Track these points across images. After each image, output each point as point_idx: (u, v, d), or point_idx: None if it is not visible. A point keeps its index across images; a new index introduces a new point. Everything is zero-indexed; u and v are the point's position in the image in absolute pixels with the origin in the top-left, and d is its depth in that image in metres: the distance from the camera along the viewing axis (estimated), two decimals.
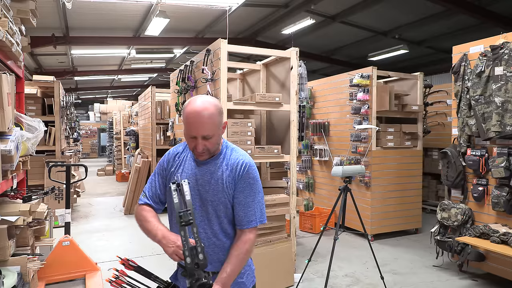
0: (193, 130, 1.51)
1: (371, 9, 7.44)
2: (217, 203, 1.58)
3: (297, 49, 3.92)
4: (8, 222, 2.51)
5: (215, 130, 1.52)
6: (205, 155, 1.58)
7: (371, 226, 5.26)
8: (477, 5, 7.10)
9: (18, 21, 2.73)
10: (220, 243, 1.60)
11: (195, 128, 1.50)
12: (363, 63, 10.81)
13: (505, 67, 3.53)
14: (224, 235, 1.62)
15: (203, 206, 1.59)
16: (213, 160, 1.62)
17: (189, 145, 1.57)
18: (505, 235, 3.41)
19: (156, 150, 7.08)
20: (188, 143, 1.59)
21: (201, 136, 1.51)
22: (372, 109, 5.23)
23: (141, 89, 19.09)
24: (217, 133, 1.55)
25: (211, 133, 1.51)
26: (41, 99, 5.81)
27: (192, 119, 1.50)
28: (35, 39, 7.63)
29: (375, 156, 5.30)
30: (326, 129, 6.18)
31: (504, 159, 3.56)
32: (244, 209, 1.59)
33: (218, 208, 1.59)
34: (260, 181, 1.66)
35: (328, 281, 3.33)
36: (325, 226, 3.72)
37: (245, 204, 1.59)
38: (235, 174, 1.59)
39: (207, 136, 1.51)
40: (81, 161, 16.11)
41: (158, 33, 8.01)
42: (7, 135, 2.30)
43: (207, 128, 1.49)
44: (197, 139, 1.51)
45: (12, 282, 2.34)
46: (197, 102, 1.51)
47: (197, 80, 4.21)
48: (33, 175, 5.61)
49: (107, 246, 5.10)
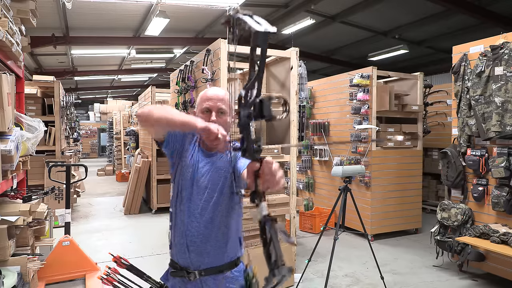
0: (211, 101, 1.56)
1: (371, 9, 7.43)
2: (213, 188, 1.56)
3: (297, 49, 3.92)
4: (8, 222, 2.51)
5: (227, 109, 1.58)
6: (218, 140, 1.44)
7: (371, 226, 5.26)
8: (477, 5, 7.10)
9: (18, 21, 2.73)
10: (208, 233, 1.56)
11: (212, 100, 1.56)
12: (363, 63, 10.80)
13: (505, 67, 3.53)
14: (216, 225, 1.57)
15: (197, 194, 1.58)
16: (216, 153, 1.61)
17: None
18: (505, 235, 3.41)
19: (156, 150, 7.08)
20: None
21: (217, 108, 1.55)
22: (372, 109, 5.23)
23: (141, 89, 19.09)
24: (228, 116, 1.59)
25: (225, 109, 1.56)
26: (41, 99, 5.81)
27: (209, 92, 1.60)
28: (35, 39, 7.62)
29: (375, 156, 5.30)
30: (326, 129, 6.18)
31: (504, 159, 3.56)
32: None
33: (214, 193, 1.56)
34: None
35: (328, 281, 3.33)
36: (325, 226, 3.72)
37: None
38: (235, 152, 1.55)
39: (221, 110, 1.55)
40: (81, 161, 16.12)
41: (158, 33, 8.01)
42: (7, 135, 2.30)
43: (222, 102, 1.55)
44: (211, 114, 1.55)
45: (12, 282, 2.35)
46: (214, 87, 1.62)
47: (197, 80, 4.21)
48: (33, 175, 5.60)
49: (107, 246, 5.10)
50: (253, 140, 1.01)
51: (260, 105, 0.99)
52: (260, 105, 0.99)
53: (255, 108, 1.00)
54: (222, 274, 1.59)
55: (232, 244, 1.61)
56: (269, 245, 0.97)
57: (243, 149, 1.02)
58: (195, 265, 1.58)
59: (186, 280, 1.59)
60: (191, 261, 1.58)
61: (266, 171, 0.96)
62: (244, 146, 1.02)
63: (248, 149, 1.01)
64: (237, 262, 1.64)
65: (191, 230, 1.58)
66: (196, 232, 1.57)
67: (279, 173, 0.99)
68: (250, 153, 1.00)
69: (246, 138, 1.01)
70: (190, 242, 1.58)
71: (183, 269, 1.60)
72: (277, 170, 0.98)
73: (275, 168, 0.97)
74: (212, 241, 1.57)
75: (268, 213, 0.98)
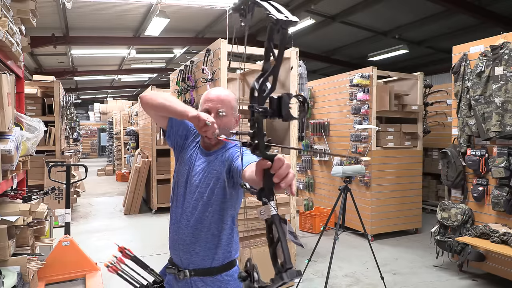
0: (211, 103, 1.56)
1: (371, 9, 7.43)
2: (204, 188, 1.54)
3: (297, 49, 3.92)
4: (8, 222, 2.51)
5: (229, 111, 1.57)
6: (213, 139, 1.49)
7: (371, 226, 5.26)
8: (477, 5, 7.09)
9: (18, 21, 2.73)
10: (198, 233, 1.55)
11: (212, 102, 1.56)
12: (363, 63, 10.80)
13: (505, 67, 3.53)
14: (205, 226, 1.55)
15: (189, 193, 1.57)
16: (214, 153, 1.60)
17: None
18: (505, 235, 3.41)
19: (156, 150, 7.07)
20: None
21: (216, 109, 1.54)
22: (372, 109, 5.23)
23: (141, 89, 19.09)
24: (231, 117, 1.58)
25: (226, 110, 1.55)
26: (41, 99, 5.81)
27: (211, 93, 1.59)
28: (35, 39, 7.62)
29: (375, 156, 5.30)
30: (326, 129, 6.18)
31: (504, 159, 3.56)
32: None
33: (205, 194, 1.54)
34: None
35: (328, 281, 3.33)
36: (325, 226, 3.72)
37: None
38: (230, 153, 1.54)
39: (221, 111, 1.54)
40: (81, 161, 16.11)
41: (158, 33, 8.01)
42: (7, 135, 2.30)
43: (223, 103, 1.55)
44: (211, 114, 1.52)
45: (12, 282, 2.35)
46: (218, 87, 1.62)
47: (197, 80, 4.21)
48: (33, 175, 5.60)
49: (107, 246, 5.10)
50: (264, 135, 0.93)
51: (279, 102, 0.89)
52: (279, 103, 0.89)
53: (272, 105, 0.90)
54: (211, 277, 1.56)
55: (224, 248, 1.57)
56: (276, 245, 0.90)
57: (254, 146, 0.94)
58: (184, 264, 1.58)
59: (177, 278, 1.59)
60: (181, 259, 1.59)
61: (278, 169, 0.92)
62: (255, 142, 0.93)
63: (260, 146, 0.93)
64: (228, 266, 1.59)
65: (182, 228, 1.58)
66: (186, 230, 1.56)
67: (291, 172, 0.95)
68: (261, 150, 0.93)
69: (258, 133, 0.93)
70: (180, 240, 1.58)
71: (176, 266, 1.61)
72: (289, 167, 0.94)
73: (287, 165, 0.93)
74: (201, 242, 1.55)
75: (276, 212, 0.92)
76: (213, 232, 1.55)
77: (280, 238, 0.88)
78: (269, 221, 0.92)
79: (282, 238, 0.88)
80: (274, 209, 0.92)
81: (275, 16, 0.84)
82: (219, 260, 1.56)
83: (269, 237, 0.93)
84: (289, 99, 0.89)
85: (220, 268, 1.57)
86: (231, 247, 1.60)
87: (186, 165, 1.62)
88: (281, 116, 0.90)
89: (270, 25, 0.85)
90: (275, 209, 0.92)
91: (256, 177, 0.97)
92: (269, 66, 0.92)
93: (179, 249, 1.59)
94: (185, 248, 1.57)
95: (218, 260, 1.56)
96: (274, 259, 0.90)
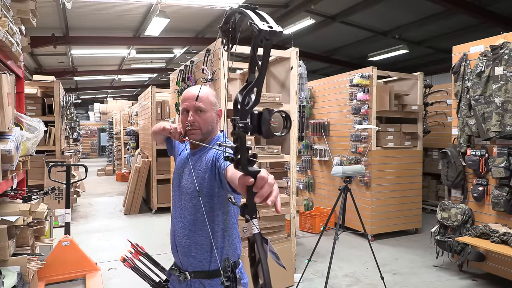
0: (187, 101, 1.57)
1: (371, 9, 7.43)
2: (192, 190, 1.55)
3: (297, 49, 3.92)
4: (8, 222, 2.51)
5: (208, 107, 1.57)
6: (196, 134, 1.57)
7: (371, 226, 5.26)
8: (477, 5, 7.09)
9: (18, 21, 2.73)
10: (192, 236, 1.56)
11: (189, 100, 1.56)
12: (363, 63, 10.80)
13: (505, 67, 3.53)
14: (199, 228, 1.55)
15: (182, 195, 1.61)
16: (199, 152, 1.61)
17: (183, 124, 1.59)
18: (505, 235, 3.41)
19: (156, 150, 7.07)
20: (182, 122, 1.61)
21: (194, 107, 1.55)
22: (372, 109, 5.23)
23: (141, 89, 19.07)
24: (211, 112, 1.58)
25: (204, 107, 1.56)
26: (41, 99, 5.81)
27: (187, 92, 1.61)
28: (35, 39, 7.63)
29: (375, 156, 5.29)
30: (326, 129, 6.18)
31: (504, 159, 3.56)
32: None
33: (193, 196, 1.54)
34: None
35: (328, 281, 3.33)
36: (325, 226, 3.72)
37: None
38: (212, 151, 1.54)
39: (200, 108, 1.55)
40: (81, 161, 16.11)
41: (158, 33, 8.00)
42: (7, 135, 2.30)
43: (200, 100, 1.55)
44: (189, 113, 1.56)
45: (12, 282, 2.34)
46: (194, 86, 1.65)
47: (197, 80, 4.21)
48: (33, 175, 5.61)
49: (107, 246, 5.10)
50: (248, 149, 0.90)
51: (259, 118, 0.87)
52: (259, 119, 0.87)
53: (253, 120, 0.88)
54: (209, 280, 1.56)
55: (220, 250, 1.56)
56: (257, 266, 0.87)
57: (236, 161, 0.91)
58: (184, 266, 1.60)
59: (179, 280, 1.61)
60: (180, 261, 1.62)
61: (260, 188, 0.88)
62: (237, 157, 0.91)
63: (241, 161, 0.90)
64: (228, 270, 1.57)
65: (178, 230, 1.61)
66: (182, 233, 1.58)
67: (275, 189, 0.91)
68: (243, 166, 0.90)
69: (241, 148, 0.90)
70: (178, 242, 1.60)
71: (178, 268, 1.63)
72: (271, 185, 0.90)
73: (269, 184, 0.89)
74: (197, 245, 1.56)
75: (259, 231, 0.89)
76: (206, 234, 1.54)
77: (260, 259, 0.86)
78: (251, 240, 0.90)
79: (263, 259, 0.86)
80: (257, 227, 0.89)
81: (257, 26, 0.81)
82: (216, 263, 1.55)
83: (251, 256, 0.91)
84: (269, 115, 0.87)
85: (218, 271, 1.55)
86: (228, 250, 1.58)
87: (177, 169, 1.68)
88: (260, 132, 0.88)
89: (254, 35, 0.82)
90: (257, 227, 0.89)
91: (239, 190, 0.95)
92: (253, 77, 0.90)
93: (178, 251, 1.61)
94: (182, 251, 1.59)
95: (215, 263, 1.55)
96: (255, 280, 0.88)
